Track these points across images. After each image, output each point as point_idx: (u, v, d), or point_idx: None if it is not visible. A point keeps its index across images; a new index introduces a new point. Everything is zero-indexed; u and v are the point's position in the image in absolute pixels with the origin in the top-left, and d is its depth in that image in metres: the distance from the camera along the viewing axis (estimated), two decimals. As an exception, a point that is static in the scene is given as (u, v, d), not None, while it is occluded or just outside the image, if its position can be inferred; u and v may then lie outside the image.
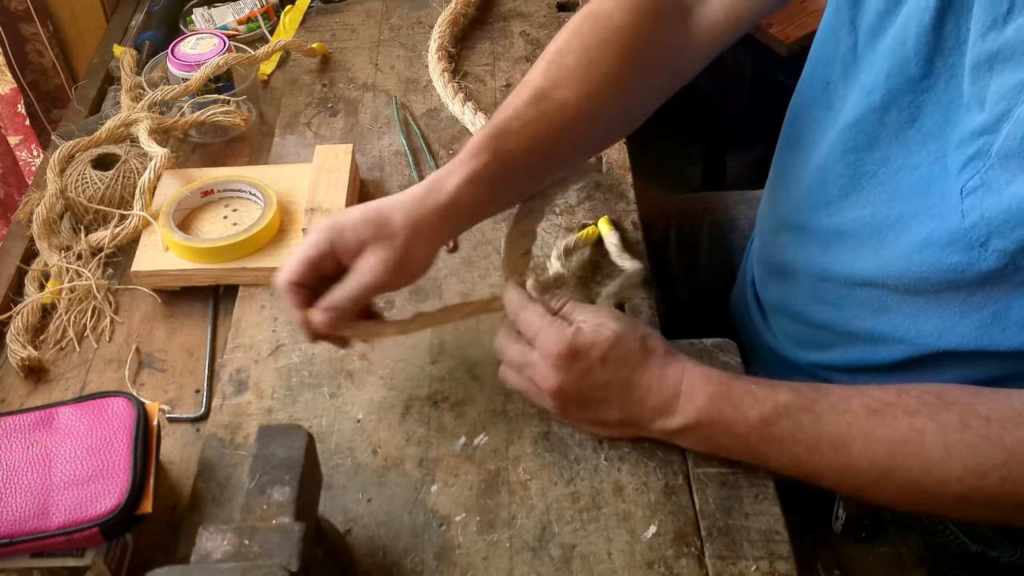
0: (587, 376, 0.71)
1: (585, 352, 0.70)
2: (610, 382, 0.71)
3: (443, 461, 0.77)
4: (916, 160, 0.70)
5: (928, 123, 0.69)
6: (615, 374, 0.71)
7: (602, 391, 0.72)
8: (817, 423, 0.67)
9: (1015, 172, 0.60)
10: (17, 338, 0.88)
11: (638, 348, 0.71)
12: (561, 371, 0.71)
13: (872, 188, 0.74)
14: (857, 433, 0.65)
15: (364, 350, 0.86)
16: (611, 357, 0.71)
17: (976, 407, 0.64)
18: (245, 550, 0.57)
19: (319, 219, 0.92)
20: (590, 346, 0.70)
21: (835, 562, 0.73)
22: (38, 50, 1.37)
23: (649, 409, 0.71)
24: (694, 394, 0.70)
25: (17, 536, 0.66)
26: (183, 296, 0.93)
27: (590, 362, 0.70)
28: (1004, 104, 0.61)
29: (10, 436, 0.72)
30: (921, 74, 0.68)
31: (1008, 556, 0.84)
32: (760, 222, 0.95)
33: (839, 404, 0.67)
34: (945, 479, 0.63)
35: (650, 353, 0.72)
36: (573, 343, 0.70)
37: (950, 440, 0.63)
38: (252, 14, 1.27)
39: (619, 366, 0.71)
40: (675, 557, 0.70)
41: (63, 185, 0.98)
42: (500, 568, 0.70)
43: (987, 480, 0.62)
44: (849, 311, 0.79)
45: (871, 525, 0.73)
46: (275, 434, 0.63)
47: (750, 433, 0.68)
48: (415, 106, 1.13)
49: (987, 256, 0.64)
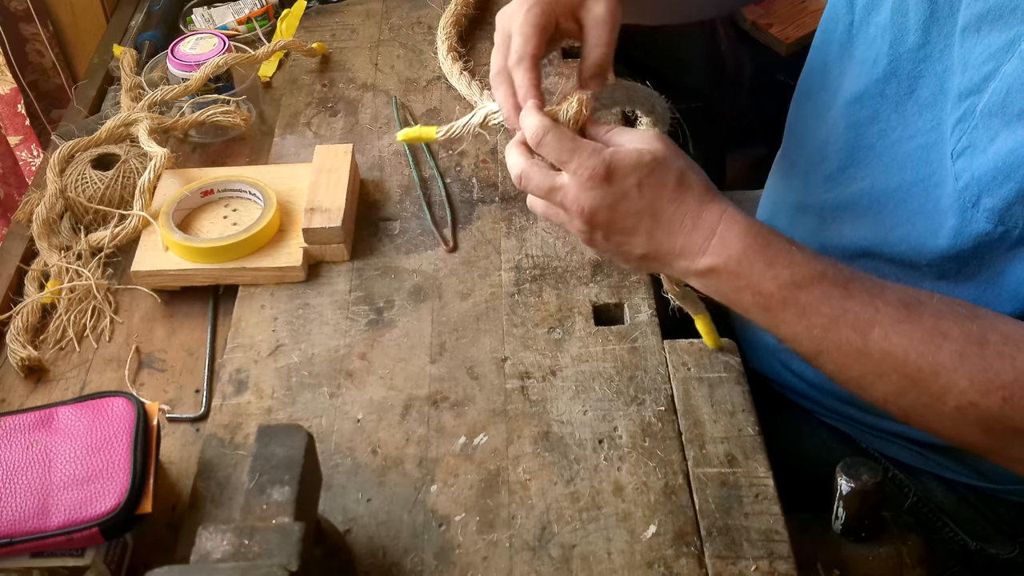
0: (621, 201, 0.68)
1: (623, 174, 0.67)
2: (642, 211, 0.68)
3: (443, 461, 0.77)
4: (913, 130, 0.71)
5: (924, 93, 0.70)
6: (651, 203, 0.68)
7: (633, 219, 0.68)
8: (846, 300, 0.64)
9: (997, 129, 0.61)
10: (17, 338, 0.88)
11: (677, 180, 0.68)
12: (595, 192, 0.67)
13: (871, 160, 0.75)
14: (882, 319, 0.63)
15: (364, 350, 0.86)
16: (648, 184, 0.67)
17: (1000, 324, 0.62)
18: (245, 550, 0.57)
19: (319, 219, 0.92)
20: (629, 169, 0.67)
21: (835, 562, 0.73)
22: (38, 50, 1.37)
23: (678, 246, 0.68)
24: (729, 239, 0.66)
25: (17, 536, 0.66)
26: (183, 296, 0.93)
27: (626, 186, 0.67)
28: (992, 63, 0.62)
29: (10, 436, 0.72)
30: (919, 43, 0.69)
31: (1007, 553, 0.84)
32: (761, 211, 0.96)
33: (873, 288, 0.65)
34: (949, 387, 0.61)
35: (689, 188, 0.68)
36: (611, 163, 0.67)
37: (967, 350, 0.61)
38: (252, 14, 1.27)
39: (656, 196, 0.68)
40: (675, 557, 0.70)
41: (63, 185, 0.98)
42: (500, 568, 0.70)
43: (989, 398, 0.60)
44: None
45: (871, 525, 0.73)
46: (275, 434, 0.63)
47: (776, 292, 0.65)
48: (415, 106, 1.13)
49: (979, 217, 0.65)
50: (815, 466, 0.79)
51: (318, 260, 0.94)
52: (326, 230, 0.92)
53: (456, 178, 1.03)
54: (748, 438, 0.77)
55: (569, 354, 0.84)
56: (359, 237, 0.97)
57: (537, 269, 0.92)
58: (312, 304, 0.90)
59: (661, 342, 0.84)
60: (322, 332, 0.88)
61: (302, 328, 0.88)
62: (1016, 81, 0.61)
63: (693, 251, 0.67)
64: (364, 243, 0.96)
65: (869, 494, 0.71)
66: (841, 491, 0.72)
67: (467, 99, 1.12)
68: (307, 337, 0.87)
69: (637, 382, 0.81)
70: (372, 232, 0.97)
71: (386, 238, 0.96)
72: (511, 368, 0.83)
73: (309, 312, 0.90)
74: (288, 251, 0.93)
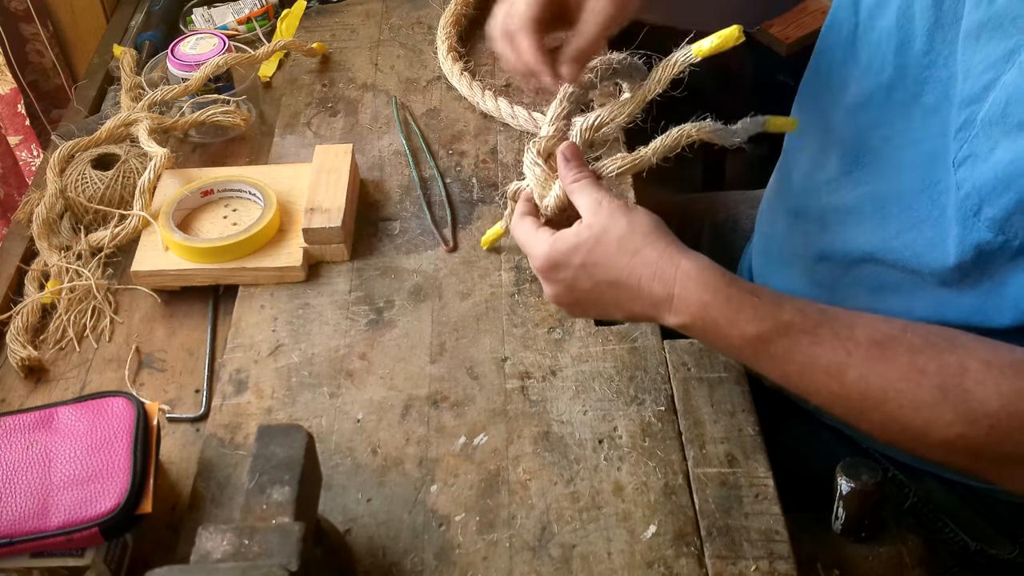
0: (574, 283, 0.71)
1: (565, 261, 0.70)
2: (596, 286, 0.70)
3: (443, 461, 0.77)
4: (918, 136, 0.71)
5: (930, 99, 0.70)
6: (601, 277, 0.70)
7: (593, 294, 0.71)
8: (815, 346, 0.64)
9: (998, 138, 0.61)
10: (17, 338, 0.88)
11: (618, 250, 0.69)
12: (549, 281, 0.72)
13: (875, 164, 0.75)
14: (855, 362, 0.63)
15: (364, 350, 0.86)
16: (591, 262, 0.69)
17: (979, 351, 0.62)
18: (245, 550, 0.57)
19: (319, 219, 0.92)
20: (571, 252, 0.70)
21: (835, 562, 0.73)
22: (38, 50, 1.37)
23: (645, 308, 0.69)
24: (687, 299, 0.67)
25: (17, 536, 0.66)
26: (183, 296, 0.93)
27: (573, 270, 0.70)
28: (992, 72, 0.62)
29: (10, 436, 0.72)
30: (925, 48, 0.69)
31: (1007, 554, 0.84)
32: (761, 215, 0.96)
33: (842, 331, 0.65)
34: (933, 421, 0.61)
35: (635, 252, 0.68)
36: (550, 256, 0.71)
37: (948, 383, 0.61)
38: (252, 14, 1.27)
39: (604, 270, 0.69)
40: (675, 557, 0.70)
41: (63, 185, 0.98)
42: (500, 568, 0.70)
43: (976, 428, 0.60)
44: (845, 291, 0.79)
45: (871, 525, 0.73)
46: (275, 434, 0.63)
47: (744, 346, 0.66)
48: (415, 106, 1.13)
49: (979, 226, 0.64)
50: (815, 466, 0.79)
51: (318, 260, 0.94)
52: (326, 230, 0.92)
53: (456, 178, 1.03)
54: (748, 438, 0.77)
55: (569, 354, 0.84)
56: (359, 237, 0.97)
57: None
58: (312, 304, 0.90)
59: (661, 342, 0.84)
60: (322, 332, 0.88)
61: (302, 328, 0.88)
62: (1016, 92, 0.60)
63: (661, 309, 0.69)
64: (364, 243, 0.96)
65: (869, 494, 0.71)
66: (841, 491, 0.72)
67: (467, 99, 1.12)
68: (307, 337, 0.87)
69: (637, 382, 0.81)
70: (372, 232, 0.97)
71: (386, 238, 0.97)
72: (511, 368, 0.83)
73: (309, 312, 0.90)
74: (288, 251, 0.93)
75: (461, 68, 1.14)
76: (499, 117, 1.09)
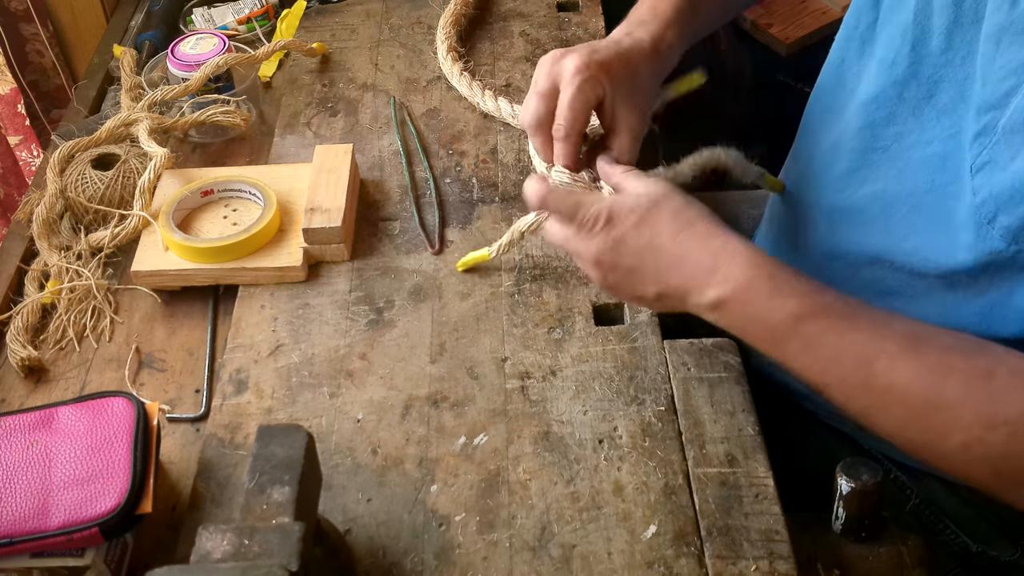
0: (622, 240, 0.71)
1: (622, 217, 0.71)
2: (643, 248, 0.70)
3: (443, 461, 0.77)
4: (930, 136, 0.70)
5: (944, 99, 0.69)
6: (650, 240, 0.70)
7: (637, 257, 0.71)
8: (851, 331, 0.64)
9: (1019, 147, 0.60)
10: (17, 338, 0.88)
11: (674, 217, 0.70)
12: (599, 236, 0.71)
13: (884, 163, 0.74)
14: (887, 351, 0.63)
15: (364, 350, 0.86)
16: (646, 222, 0.70)
17: (1009, 359, 0.61)
18: (245, 550, 0.57)
19: (319, 219, 0.92)
20: (628, 211, 0.71)
21: (835, 562, 0.73)
22: (38, 50, 1.37)
23: (685, 280, 0.69)
24: (733, 270, 0.67)
25: (17, 536, 0.66)
26: (183, 296, 0.93)
27: (626, 227, 0.71)
28: (1013, 79, 0.61)
29: (10, 436, 0.72)
30: (942, 47, 0.68)
31: (1008, 555, 0.84)
32: (768, 215, 0.96)
33: (879, 320, 0.64)
34: (953, 421, 0.60)
35: (689, 223, 0.70)
36: (613, 207, 0.71)
37: (972, 383, 0.60)
38: (252, 14, 1.27)
39: (655, 233, 0.70)
40: (675, 557, 0.70)
41: (63, 185, 0.98)
42: (500, 568, 0.70)
43: (995, 433, 0.59)
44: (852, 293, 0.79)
45: (871, 525, 0.73)
46: (275, 434, 0.63)
47: (782, 323, 0.66)
48: (415, 106, 1.13)
49: (993, 235, 0.64)
50: (815, 466, 0.79)
51: (318, 260, 0.94)
52: (326, 230, 0.92)
53: (456, 178, 1.03)
54: (748, 438, 0.77)
55: (569, 354, 0.84)
56: (359, 237, 0.97)
57: (537, 269, 0.92)
58: (312, 304, 0.90)
59: (661, 342, 0.84)
60: (322, 332, 0.88)
61: (302, 328, 0.88)
62: None
63: (700, 284, 0.68)
64: (364, 243, 0.96)
65: (869, 494, 0.71)
66: (841, 491, 0.72)
67: (468, 99, 1.12)
68: (307, 337, 0.87)
69: (637, 382, 0.81)
70: (372, 232, 0.97)
71: (386, 238, 0.97)
72: (511, 368, 0.83)
73: (309, 312, 0.90)
74: (288, 251, 0.93)
75: (461, 68, 1.14)
76: (499, 117, 1.09)
